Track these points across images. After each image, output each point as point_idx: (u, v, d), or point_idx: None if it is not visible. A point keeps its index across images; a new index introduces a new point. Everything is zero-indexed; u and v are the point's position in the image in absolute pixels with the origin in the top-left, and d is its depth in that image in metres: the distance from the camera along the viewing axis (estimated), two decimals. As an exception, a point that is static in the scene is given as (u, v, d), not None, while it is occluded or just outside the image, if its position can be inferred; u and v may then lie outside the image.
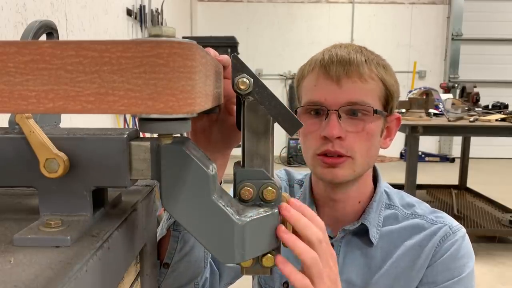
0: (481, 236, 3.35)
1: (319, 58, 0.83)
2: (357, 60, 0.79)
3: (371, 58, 0.82)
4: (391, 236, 0.86)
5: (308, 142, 0.84)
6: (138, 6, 3.82)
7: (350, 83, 0.79)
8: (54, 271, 0.33)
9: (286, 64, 7.05)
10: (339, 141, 0.79)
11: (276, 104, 0.50)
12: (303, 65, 0.88)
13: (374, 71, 0.81)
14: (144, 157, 0.43)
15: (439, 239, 0.83)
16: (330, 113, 0.79)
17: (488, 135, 3.12)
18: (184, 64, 0.32)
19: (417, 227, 0.86)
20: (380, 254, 0.85)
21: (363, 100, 0.79)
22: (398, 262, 0.84)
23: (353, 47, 0.83)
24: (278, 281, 0.91)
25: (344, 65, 0.79)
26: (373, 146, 0.83)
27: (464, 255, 0.83)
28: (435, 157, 7.14)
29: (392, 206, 0.89)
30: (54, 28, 0.53)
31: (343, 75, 0.79)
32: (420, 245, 0.84)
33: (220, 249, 0.46)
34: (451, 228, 0.84)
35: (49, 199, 0.43)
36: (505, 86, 7.06)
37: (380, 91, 0.82)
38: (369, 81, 0.80)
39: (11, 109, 0.32)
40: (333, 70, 0.79)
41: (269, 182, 0.51)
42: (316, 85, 0.82)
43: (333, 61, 0.80)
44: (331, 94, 0.80)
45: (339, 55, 0.80)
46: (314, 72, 0.83)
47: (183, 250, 0.74)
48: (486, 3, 7.08)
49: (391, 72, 0.85)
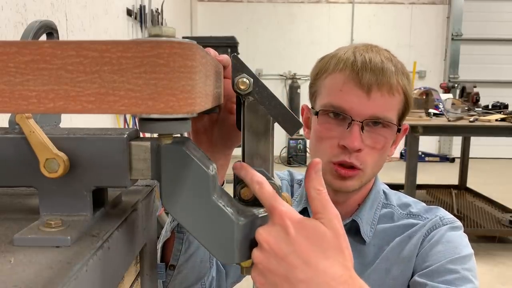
0: (481, 236, 3.36)
1: (351, 60, 0.77)
2: (389, 70, 0.76)
3: (398, 67, 0.79)
4: (384, 234, 0.86)
5: (323, 147, 0.81)
6: (138, 6, 3.82)
7: (379, 96, 0.76)
8: (54, 271, 0.33)
9: (286, 64, 7.05)
10: (356, 153, 0.78)
11: (276, 104, 0.50)
12: (327, 58, 0.83)
13: (401, 83, 0.78)
14: (144, 157, 0.43)
15: (428, 228, 0.83)
16: (353, 123, 0.76)
17: (488, 135, 3.12)
18: (184, 64, 0.32)
19: (411, 225, 0.86)
20: (372, 251, 0.85)
21: (387, 116, 0.78)
22: (388, 255, 0.84)
23: (384, 54, 0.79)
24: None
25: (377, 74, 0.75)
26: (383, 159, 0.83)
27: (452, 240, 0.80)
28: (435, 157, 7.14)
29: (389, 205, 0.89)
30: (54, 28, 0.53)
31: (374, 85, 0.75)
32: (410, 236, 0.84)
33: (220, 249, 0.46)
34: (442, 219, 0.84)
35: (49, 199, 0.43)
36: (505, 86, 7.06)
37: (401, 104, 0.80)
38: (395, 95, 0.78)
39: (12, 109, 0.32)
40: (366, 78, 0.75)
41: (270, 182, 0.51)
42: (342, 89, 0.77)
43: (366, 67, 0.75)
44: (358, 104, 0.76)
45: (373, 62, 0.76)
46: (343, 73, 0.78)
47: (188, 251, 0.74)
48: (486, 3, 7.08)
49: (410, 80, 0.82)
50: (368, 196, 0.88)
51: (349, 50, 0.80)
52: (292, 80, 7.01)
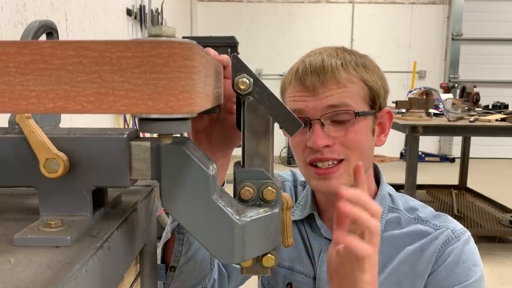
0: (481, 236, 3.35)
1: (294, 69, 0.82)
2: (331, 66, 0.78)
3: (348, 60, 0.80)
4: (392, 241, 0.84)
5: (297, 152, 0.83)
6: (138, 6, 3.82)
7: (327, 91, 0.78)
8: (54, 271, 0.33)
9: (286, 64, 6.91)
10: (328, 149, 0.78)
11: (276, 104, 0.50)
12: (284, 77, 0.87)
13: (353, 73, 0.79)
14: (144, 157, 0.43)
15: (441, 243, 0.81)
16: (313, 123, 0.78)
17: (488, 135, 3.11)
18: (184, 64, 0.32)
19: (420, 234, 0.83)
20: (381, 259, 0.82)
21: (343, 102, 0.78)
22: (399, 267, 0.82)
23: (328, 52, 0.81)
24: (281, 282, 0.90)
25: (318, 73, 0.78)
26: (366, 146, 0.82)
27: (468, 259, 0.80)
28: (435, 157, 7.13)
29: (396, 209, 0.87)
30: (54, 28, 0.53)
31: (318, 85, 0.78)
32: (422, 249, 0.82)
33: (220, 249, 0.45)
34: (454, 232, 0.82)
35: (49, 199, 0.43)
36: (505, 86, 7.05)
37: (363, 91, 0.80)
38: (348, 86, 0.78)
39: (11, 109, 0.32)
40: (308, 81, 0.78)
41: (269, 182, 0.51)
42: (294, 96, 0.81)
43: (307, 72, 0.79)
44: (310, 103, 0.79)
45: (312, 64, 0.79)
46: (291, 85, 0.82)
47: (189, 252, 0.74)
48: (486, 3, 7.08)
49: (374, 69, 0.83)
50: (375, 199, 0.86)
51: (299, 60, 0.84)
52: (292, 80, 7.01)
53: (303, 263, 0.89)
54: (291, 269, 0.90)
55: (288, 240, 0.53)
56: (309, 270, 0.88)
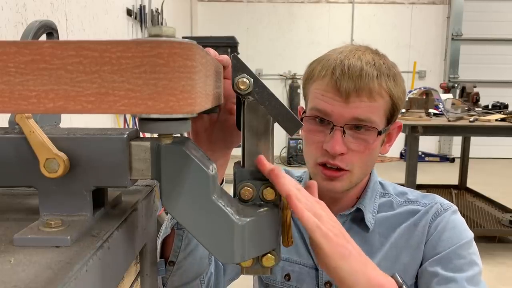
0: (481, 236, 3.35)
1: (332, 66, 0.80)
2: (369, 76, 0.78)
3: (382, 71, 0.80)
4: (388, 221, 0.89)
5: (310, 149, 0.84)
6: (138, 6, 3.82)
7: (358, 101, 0.78)
8: (54, 271, 0.33)
9: (286, 64, 7.05)
10: (340, 156, 0.80)
11: (276, 104, 0.50)
12: (314, 63, 0.85)
13: (384, 86, 0.79)
14: (144, 157, 0.43)
15: (431, 215, 0.87)
16: (335, 128, 0.79)
17: (488, 135, 3.11)
18: (184, 64, 0.32)
19: (412, 212, 0.89)
20: (378, 239, 0.88)
21: (369, 118, 0.79)
22: (395, 244, 0.87)
23: (367, 58, 0.80)
24: (279, 274, 0.92)
25: (355, 80, 0.77)
26: (372, 159, 0.85)
27: (458, 225, 0.86)
28: (435, 157, 7.14)
29: (387, 194, 0.93)
30: (54, 28, 0.53)
31: (352, 92, 0.77)
32: (415, 224, 0.88)
33: (220, 249, 0.46)
34: (442, 205, 0.88)
35: (49, 199, 0.43)
36: (505, 86, 7.05)
37: (387, 106, 0.81)
38: (377, 99, 0.79)
39: (12, 109, 0.32)
40: (344, 86, 0.77)
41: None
42: (324, 95, 0.81)
43: (344, 76, 0.78)
44: (338, 109, 0.79)
45: (351, 69, 0.78)
46: (324, 80, 0.81)
47: (188, 248, 0.75)
48: (486, 3, 7.08)
49: (400, 82, 0.84)
50: (367, 186, 0.91)
51: (334, 54, 0.83)
52: (292, 80, 7.01)
53: (300, 253, 0.91)
54: (288, 260, 0.91)
55: (288, 240, 0.53)
56: (307, 260, 0.91)
